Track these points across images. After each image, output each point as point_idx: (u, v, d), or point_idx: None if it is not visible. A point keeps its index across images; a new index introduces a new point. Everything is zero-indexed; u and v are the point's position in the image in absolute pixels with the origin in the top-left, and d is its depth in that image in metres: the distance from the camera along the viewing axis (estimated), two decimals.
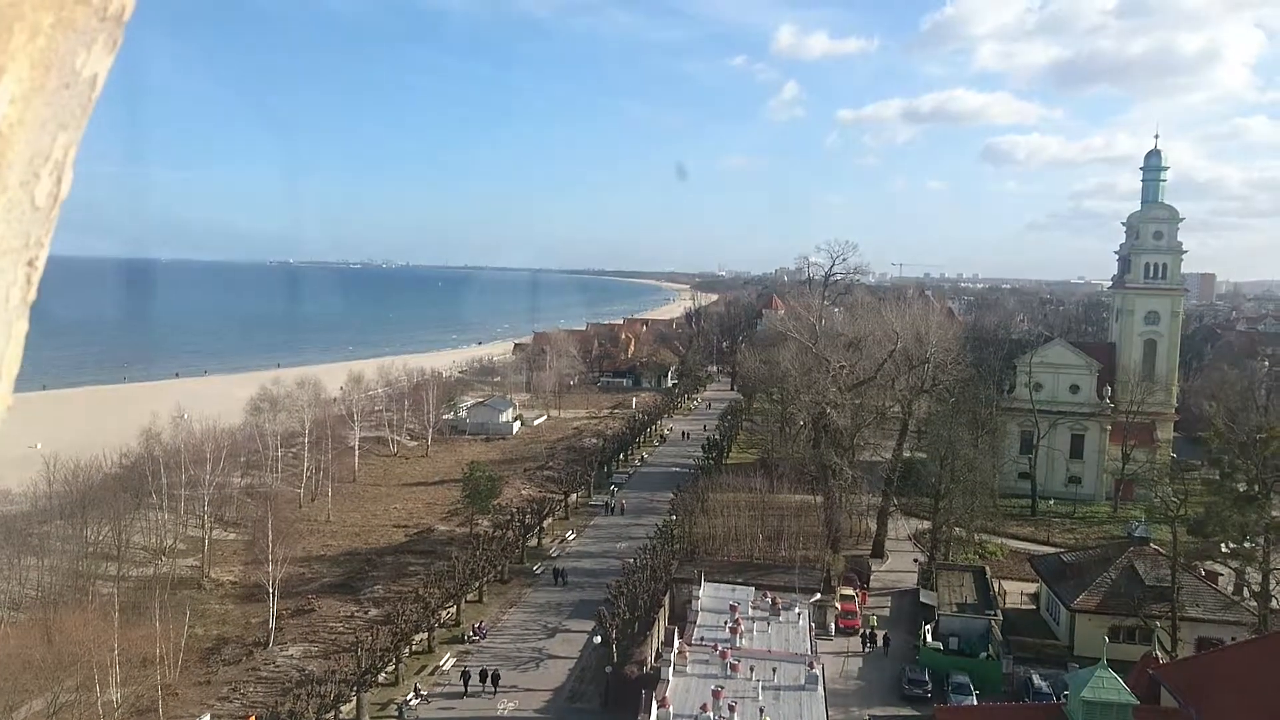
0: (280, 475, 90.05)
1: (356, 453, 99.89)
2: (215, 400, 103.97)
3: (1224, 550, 56.13)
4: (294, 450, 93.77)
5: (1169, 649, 48.26)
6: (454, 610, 58.12)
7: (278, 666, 52.11)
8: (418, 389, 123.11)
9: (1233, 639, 45.27)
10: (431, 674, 50.68)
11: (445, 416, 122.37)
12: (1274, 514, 51.71)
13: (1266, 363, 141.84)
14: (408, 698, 47.56)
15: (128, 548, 67.57)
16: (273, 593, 56.28)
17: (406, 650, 51.41)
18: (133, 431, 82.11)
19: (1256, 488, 51.78)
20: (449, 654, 52.95)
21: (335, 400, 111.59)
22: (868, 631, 56.67)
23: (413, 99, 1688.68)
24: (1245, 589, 57.63)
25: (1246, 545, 51.85)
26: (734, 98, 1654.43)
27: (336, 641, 54.69)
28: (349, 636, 53.94)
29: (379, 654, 48.07)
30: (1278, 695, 27.53)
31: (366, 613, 59.95)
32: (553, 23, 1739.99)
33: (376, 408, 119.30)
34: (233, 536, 74.14)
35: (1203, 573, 57.31)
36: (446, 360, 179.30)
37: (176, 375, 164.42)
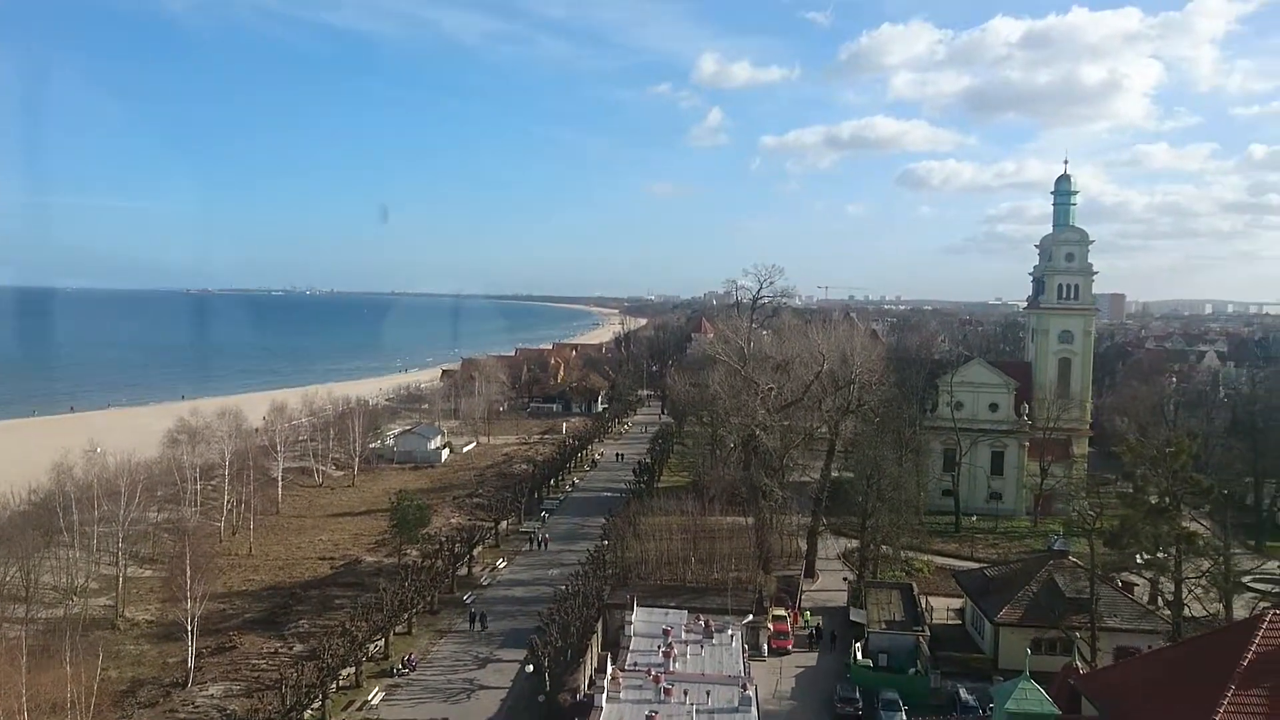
0: (199, 509, 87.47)
1: (280, 484, 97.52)
2: (128, 433, 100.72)
3: (1139, 561, 57.76)
4: (214, 483, 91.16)
5: (1089, 659, 49.49)
6: (383, 643, 56.91)
7: (197, 707, 50.28)
8: (343, 418, 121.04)
9: (1149, 647, 46.55)
10: (360, 709, 49.41)
11: (372, 445, 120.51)
12: (1184, 525, 53.48)
13: (1174, 379, 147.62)
14: None
15: (36, 588, 64.84)
16: (191, 631, 54.42)
17: (333, 686, 50.05)
18: (39, 467, 78.99)
19: (1168, 500, 53.50)
20: (378, 688, 51.72)
21: (257, 431, 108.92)
22: (811, 631, 59.75)
23: (338, 125, 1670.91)
24: (1160, 598, 59.62)
25: (1160, 556, 53.40)
26: (660, 125, 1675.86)
27: (260, 679, 53.03)
28: (273, 674, 52.29)
29: (304, 691, 46.72)
30: (1192, 700, 28.46)
31: (291, 648, 58.32)
32: (481, 50, 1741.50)
33: (300, 438, 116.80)
34: (149, 573, 71.63)
35: (1119, 583, 59.01)
36: (372, 388, 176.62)
37: (71, 410, 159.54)
